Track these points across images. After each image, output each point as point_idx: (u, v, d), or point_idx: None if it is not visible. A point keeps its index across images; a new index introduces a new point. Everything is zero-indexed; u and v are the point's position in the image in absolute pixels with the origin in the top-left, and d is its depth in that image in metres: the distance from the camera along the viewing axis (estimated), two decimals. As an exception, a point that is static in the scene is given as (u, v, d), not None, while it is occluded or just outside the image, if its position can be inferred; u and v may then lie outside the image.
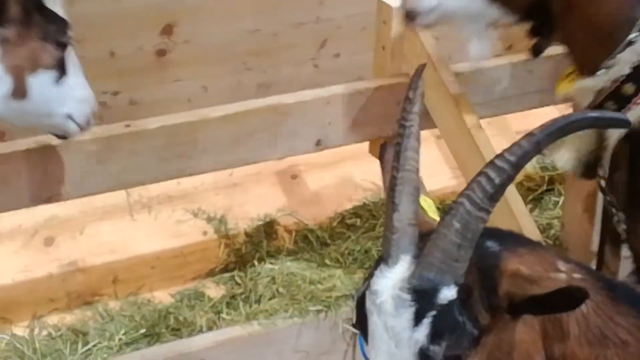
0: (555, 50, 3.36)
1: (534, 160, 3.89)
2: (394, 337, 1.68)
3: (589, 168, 2.61)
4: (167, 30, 3.88)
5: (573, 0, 2.47)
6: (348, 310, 3.20)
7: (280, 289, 3.36)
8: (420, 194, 1.83)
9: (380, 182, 3.74)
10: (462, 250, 1.68)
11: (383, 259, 1.74)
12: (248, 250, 3.61)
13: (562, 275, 1.75)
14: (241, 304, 3.32)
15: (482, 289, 1.70)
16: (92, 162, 2.98)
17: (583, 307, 1.70)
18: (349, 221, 3.71)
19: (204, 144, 3.11)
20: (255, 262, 3.54)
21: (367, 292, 1.73)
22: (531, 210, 3.69)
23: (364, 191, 3.84)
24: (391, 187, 1.78)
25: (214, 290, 3.47)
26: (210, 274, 3.57)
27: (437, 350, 1.66)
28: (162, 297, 3.48)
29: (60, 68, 2.56)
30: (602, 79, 2.44)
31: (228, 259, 3.60)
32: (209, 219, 3.74)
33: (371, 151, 3.43)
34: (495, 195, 1.68)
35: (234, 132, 3.15)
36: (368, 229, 3.63)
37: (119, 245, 3.63)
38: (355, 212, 3.73)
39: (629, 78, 2.41)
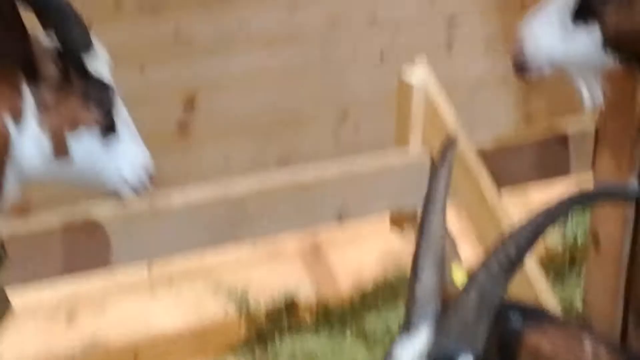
0: (575, 126, 3.39)
1: (556, 235, 3.92)
2: None
3: None
4: (189, 103, 3.93)
5: None
6: (369, 387, 3.20)
7: (302, 366, 3.38)
8: (446, 264, 1.85)
9: (401, 257, 3.77)
10: (480, 321, 1.67)
11: (404, 328, 1.75)
12: (269, 327, 3.62)
13: (587, 354, 1.74)
14: (262, 380, 3.33)
15: None
16: (115, 236, 2.98)
17: None
18: (370, 297, 3.72)
19: (225, 218, 3.11)
20: (276, 338, 3.56)
21: None
22: (553, 287, 3.67)
23: (386, 266, 3.85)
24: (415, 257, 1.80)
25: (235, 367, 3.49)
26: (232, 350, 3.57)
27: None
28: (184, 373, 3.50)
29: (107, 128, 2.51)
30: None
31: (249, 335, 3.61)
32: (230, 294, 3.74)
33: (392, 224, 3.45)
34: (512, 267, 1.69)
35: (255, 206, 3.15)
36: (389, 306, 3.64)
37: (140, 321, 3.62)
38: (377, 289, 3.74)
39: None
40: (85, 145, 2.46)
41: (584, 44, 2.48)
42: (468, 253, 3.14)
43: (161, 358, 3.51)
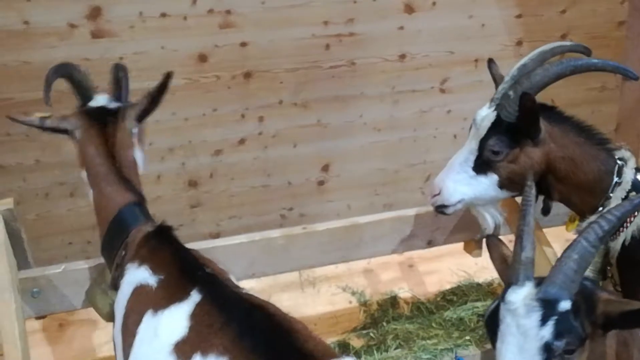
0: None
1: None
2: (523, 333, 1.63)
3: (602, 272, 2.51)
4: (325, 167, 3.98)
5: (565, 177, 2.38)
6: (448, 358, 3.13)
7: (402, 343, 3.33)
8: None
9: (469, 271, 3.66)
10: (577, 274, 1.64)
11: (512, 283, 1.69)
12: (379, 315, 3.60)
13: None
14: (375, 352, 3.29)
15: (585, 309, 1.67)
16: (280, 251, 2.93)
17: None
18: (448, 297, 3.68)
19: (354, 241, 3.02)
20: (384, 324, 3.52)
21: (502, 304, 1.68)
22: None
23: (459, 277, 3.80)
24: (519, 235, 1.74)
25: (356, 342, 3.44)
26: (354, 330, 3.55)
27: (559, 345, 1.62)
28: (321, 346, 3.47)
29: None
30: None
31: (366, 321, 3.59)
32: (353, 293, 3.75)
33: (465, 249, 3.27)
34: (604, 238, 1.66)
35: (371, 234, 3.03)
36: (461, 303, 3.59)
37: (293, 310, 3.28)
38: (453, 292, 3.70)
39: None
40: None
41: (485, 186, 2.42)
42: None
43: (306, 335, 3.49)
